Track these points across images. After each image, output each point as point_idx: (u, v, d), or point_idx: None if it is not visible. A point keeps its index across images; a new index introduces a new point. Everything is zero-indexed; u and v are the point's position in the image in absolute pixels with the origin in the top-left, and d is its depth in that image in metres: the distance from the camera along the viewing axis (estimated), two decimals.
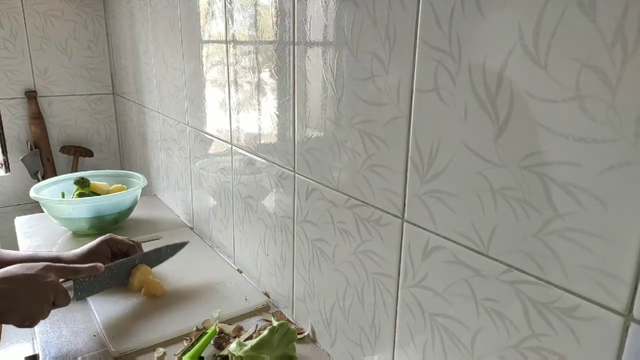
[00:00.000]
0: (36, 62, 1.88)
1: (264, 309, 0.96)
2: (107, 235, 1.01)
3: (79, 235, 1.30)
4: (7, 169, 1.93)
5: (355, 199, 0.70)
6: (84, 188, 1.31)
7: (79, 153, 1.98)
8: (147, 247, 1.06)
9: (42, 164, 1.93)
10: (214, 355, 0.80)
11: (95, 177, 1.46)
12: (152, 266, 1.03)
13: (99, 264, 0.88)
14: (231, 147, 1.06)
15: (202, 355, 0.79)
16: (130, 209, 1.36)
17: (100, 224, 1.29)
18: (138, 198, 1.37)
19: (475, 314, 0.54)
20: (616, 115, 0.38)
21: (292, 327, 0.82)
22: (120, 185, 1.38)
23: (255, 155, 0.97)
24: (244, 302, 0.96)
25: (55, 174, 1.92)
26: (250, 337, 0.85)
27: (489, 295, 0.52)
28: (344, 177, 0.71)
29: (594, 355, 0.42)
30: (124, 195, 1.29)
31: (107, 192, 1.33)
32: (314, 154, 0.78)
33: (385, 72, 0.61)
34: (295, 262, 0.89)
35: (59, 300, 0.79)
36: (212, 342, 0.81)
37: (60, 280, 0.81)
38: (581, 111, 0.41)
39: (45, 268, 0.77)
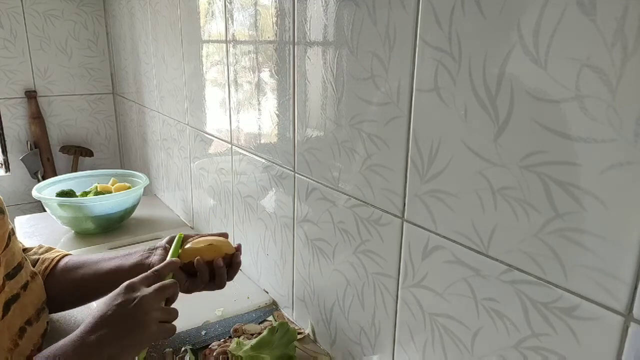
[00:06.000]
0: (36, 62, 1.88)
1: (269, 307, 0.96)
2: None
3: (82, 235, 1.30)
4: (7, 169, 1.93)
5: (355, 198, 0.70)
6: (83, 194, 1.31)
7: (79, 153, 1.98)
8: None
9: (42, 163, 1.93)
10: (214, 354, 0.80)
11: (97, 177, 1.46)
12: None
13: (174, 259, 0.75)
14: (231, 147, 1.06)
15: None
16: (134, 207, 1.36)
17: (107, 222, 1.29)
18: (140, 196, 1.38)
19: (475, 314, 0.54)
20: (616, 115, 0.38)
21: (292, 327, 0.82)
22: (123, 184, 1.38)
23: (255, 155, 0.97)
24: (246, 301, 0.97)
25: (55, 174, 1.92)
26: (249, 337, 0.85)
27: (489, 295, 0.52)
28: (344, 177, 0.71)
29: (594, 355, 0.42)
30: (129, 194, 1.30)
31: (111, 192, 1.33)
32: (314, 154, 0.78)
33: (385, 71, 0.60)
34: (295, 262, 0.89)
35: (169, 299, 0.70)
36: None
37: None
38: (581, 111, 0.41)
39: (127, 289, 0.67)
